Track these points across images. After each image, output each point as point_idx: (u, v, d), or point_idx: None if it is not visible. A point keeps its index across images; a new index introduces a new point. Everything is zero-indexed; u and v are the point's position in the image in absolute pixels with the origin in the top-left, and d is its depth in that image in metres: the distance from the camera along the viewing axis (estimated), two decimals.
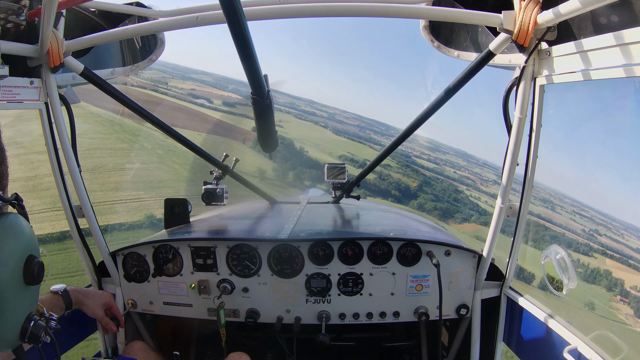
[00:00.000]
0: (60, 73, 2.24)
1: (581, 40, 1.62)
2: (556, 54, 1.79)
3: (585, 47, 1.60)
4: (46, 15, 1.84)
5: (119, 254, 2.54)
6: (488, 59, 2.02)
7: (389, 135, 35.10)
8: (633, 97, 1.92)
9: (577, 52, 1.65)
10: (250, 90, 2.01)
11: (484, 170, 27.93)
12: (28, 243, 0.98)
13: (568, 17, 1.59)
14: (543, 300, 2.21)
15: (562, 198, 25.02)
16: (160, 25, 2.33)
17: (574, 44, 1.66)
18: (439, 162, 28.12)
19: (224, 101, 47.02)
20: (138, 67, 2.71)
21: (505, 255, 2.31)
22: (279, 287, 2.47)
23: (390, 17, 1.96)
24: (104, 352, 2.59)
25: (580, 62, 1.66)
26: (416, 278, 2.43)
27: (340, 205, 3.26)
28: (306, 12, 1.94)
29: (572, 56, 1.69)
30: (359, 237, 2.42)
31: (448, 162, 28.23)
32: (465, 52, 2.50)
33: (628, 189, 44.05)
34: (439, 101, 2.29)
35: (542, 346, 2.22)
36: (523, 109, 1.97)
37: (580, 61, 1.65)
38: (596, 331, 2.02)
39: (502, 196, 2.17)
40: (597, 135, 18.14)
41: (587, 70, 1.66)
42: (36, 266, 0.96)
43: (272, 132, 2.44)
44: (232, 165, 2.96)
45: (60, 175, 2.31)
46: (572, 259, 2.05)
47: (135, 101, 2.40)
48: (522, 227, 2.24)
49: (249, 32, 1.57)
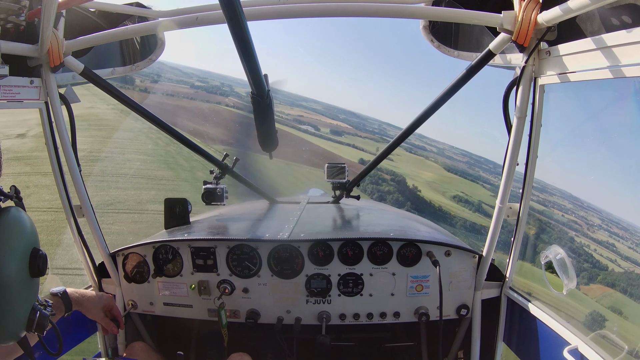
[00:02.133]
0: (60, 72, 2.24)
1: (581, 40, 1.62)
2: (556, 54, 1.79)
3: (585, 47, 1.60)
4: (46, 15, 1.84)
5: (119, 254, 2.54)
6: (488, 59, 2.03)
7: (496, 173, 30.86)
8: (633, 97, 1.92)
9: (577, 52, 1.65)
10: (250, 90, 2.01)
11: (589, 214, 25.05)
12: (31, 236, 1.00)
13: (568, 17, 1.60)
14: None
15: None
16: (160, 26, 2.33)
17: (574, 44, 1.67)
18: (547, 205, 25.03)
19: (332, 129, 44.56)
20: (138, 67, 2.71)
21: None
22: (279, 287, 2.47)
23: (390, 17, 1.96)
24: (104, 352, 2.59)
25: (580, 62, 1.66)
26: (416, 278, 2.43)
27: (340, 206, 3.26)
28: (306, 12, 1.94)
29: (572, 56, 1.69)
30: (359, 238, 2.42)
31: (556, 205, 25.34)
32: (465, 52, 2.50)
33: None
34: (439, 101, 2.29)
35: (542, 346, 2.22)
36: (523, 109, 1.97)
37: (580, 61, 1.66)
38: (596, 331, 2.02)
39: (502, 196, 2.17)
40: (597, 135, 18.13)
41: (587, 70, 1.66)
42: (41, 259, 0.98)
43: (272, 132, 2.44)
44: (232, 165, 2.96)
45: (60, 175, 2.31)
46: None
47: (135, 101, 2.41)
48: (522, 227, 2.24)
49: (249, 32, 1.57)
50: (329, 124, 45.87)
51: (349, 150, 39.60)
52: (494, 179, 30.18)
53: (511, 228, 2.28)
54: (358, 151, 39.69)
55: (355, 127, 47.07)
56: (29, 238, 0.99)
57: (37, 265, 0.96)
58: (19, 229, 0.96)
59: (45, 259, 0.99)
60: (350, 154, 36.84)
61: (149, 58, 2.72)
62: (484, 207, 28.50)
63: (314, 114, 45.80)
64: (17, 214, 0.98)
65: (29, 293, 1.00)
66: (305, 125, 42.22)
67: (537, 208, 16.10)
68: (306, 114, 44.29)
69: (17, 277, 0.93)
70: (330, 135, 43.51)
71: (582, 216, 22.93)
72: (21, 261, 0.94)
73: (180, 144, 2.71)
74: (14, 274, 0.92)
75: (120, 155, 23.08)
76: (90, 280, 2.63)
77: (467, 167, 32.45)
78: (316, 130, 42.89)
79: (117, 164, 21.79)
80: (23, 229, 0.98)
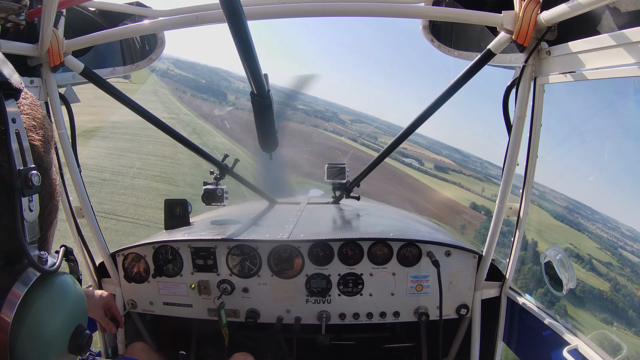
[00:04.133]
0: (60, 72, 2.24)
1: (581, 40, 1.62)
2: (556, 54, 1.79)
3: (585, 47, 1.60)
4: (46, 15, 1.84)
5: (119, 254, 2.54)
6: (488, 58, 2.02)
7: (605, 225, 24.56)
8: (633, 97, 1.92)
9: (577, 52, 1.66)
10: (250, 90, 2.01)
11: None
12: (76, 310, 0.84)
13: (568, 17, 1.60)
14: None
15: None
16: (160, 25, 2.33)
17: (574, 44, 1.67)
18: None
19: (436, 165, 41.14)
20: (138, 67, 2.71)
21: None
22: (279, 287, 2.47)
23: (390, 17, 1.96)
24: (104, 352, 2.58)
25: (580, 62, 1.66)
26: (416, 278, 2.43)
27: (340, 206, 3.26)
28: (306, 12, 1.94)
29: (572, 56, 1.70)
30: (359, 238, 2.42)
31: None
32: (465, 52, 2.50)
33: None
34: (439, 101, 2.28)
35: (542, 346, 2.23)
36: (523, 109, 1.97)
37: (580, 61, 1.66)
38: (596, 331, 2.02)
39: (502, 196, 2.17)
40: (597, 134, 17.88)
41: (587, 70, 1.66)
42: (84, 339, 0.83)
43: (272, 132, 2.44)
44: (232, 165, 2.96)
45: (60, 175, 2.31)
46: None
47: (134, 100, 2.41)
48: (522, 227, 2.25)
49: (249, 32, 1.57)
50: (432, 158, 42.49)
51: (455, 189, 35.30)
52: (592, 226, 24.67)
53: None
54: (464, 191, 35.35)
55: (459, 164, 43.00)
56: (73, 312, 0.83)
57: (78, 346, 0.82)
58: (65, 301, 0.81)
59: (90, 340, 0.85)
60: (458, 195, 33.10)
61: (149, 57, 2.72)
62: (596, 264, 21.41)
63: (418, 147, 42.19)
64: (66, 282, 0.83)
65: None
66: (410, 159, 38.93)
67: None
68: (410, 147, 40.26)
69: (53, 350, 0.78)
70: (435, 171, 40.43)
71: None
72: (61, 341, 0.80)
73: (180, 144, 2.71)
74: (48, 356, 0.78)
75: None
76: (90, 280, 2.63)
77: (566, 212, 25.90)
78: (420, 165, 39.93)
79: None
80: (69, 301, 0.83)
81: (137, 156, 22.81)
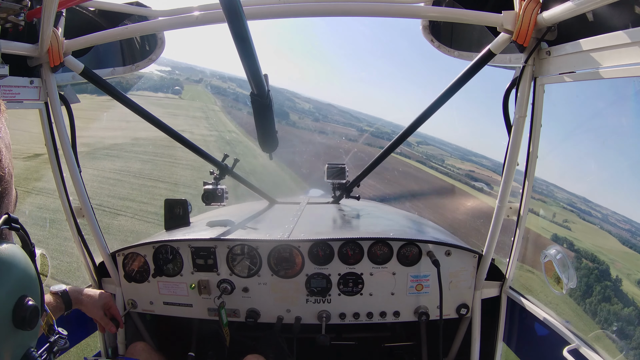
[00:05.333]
0: (60, 72, 2.23)
1: (581, 40, 1.62)
2: (556, 54, 1.79)
3: (585, 47, 1.60)
4: (46, 15, 1.84)
5: (119, 254, 2.54)
6: (488, 58, 2.02)
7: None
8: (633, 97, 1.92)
9: (577, 52, 1.66)
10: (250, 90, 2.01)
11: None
12: (19, 280, 0.81)
13: (568, 17, 1.60)
14: None
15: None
16: (160, 25, 2.33)
17: (574, 44, 1.67)
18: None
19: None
20: (138, 67, 2.70)
21: None
22: (279, 287, 2.47)
23: (390, 17, 1.96)
24: (104, 352, 2.59)
25: (580, 62, 1.66)
26: (416, 278, 2.43)
27: (340, 206, 3.26)
28: (306, 12, 1.94)
29: (572, 56, 1.70)
30: (359, 238, 2.42)
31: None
32: (465, 52, 2.50)
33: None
34: (439, 101, 2.28)
35: (542, 346, 2.23)
36: (523, 109, 1.97)
37: (580, 61, 1.66)
38: (596, 331, 2.02)
39: (502, 196, 2.17)
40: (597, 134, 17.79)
41: (587, 70, 1.66)
42: (28, 310, 0.80)
43: (272, 132, 2.44)
44: (232, 165, 2.96)
45: (60, 175, 2.31)
46: None
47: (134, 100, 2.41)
48: (522, 227, 2.25)
49: (249, 32, 1.57)
50: (500, 181, 41.25)
51: (534, 218, 33.50)
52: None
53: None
54: (538, 218, 33.27)
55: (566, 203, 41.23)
56: (16, 284, 0.80)
57: (22, 317, 0.79)
58: (3, 271, 0.79)
59: (35, 311, 0.81)
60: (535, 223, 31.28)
61: (149, 58, 2.71)
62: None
63: (485, 170, 39.43)
64: (8, 251, 0.80)
65: (15, 346, 0.82)
66: (480, 183, 35.53)
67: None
68: (477, 170, 38.68)
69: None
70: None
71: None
72: (0, 310, 0.77)
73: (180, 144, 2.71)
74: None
75: None
76: (90, 280, 2.63)
77: (629, 235, 24.17)
78: (490, 190, 35.22)
79: None
80: (8, 271, 0.80)
81: None
